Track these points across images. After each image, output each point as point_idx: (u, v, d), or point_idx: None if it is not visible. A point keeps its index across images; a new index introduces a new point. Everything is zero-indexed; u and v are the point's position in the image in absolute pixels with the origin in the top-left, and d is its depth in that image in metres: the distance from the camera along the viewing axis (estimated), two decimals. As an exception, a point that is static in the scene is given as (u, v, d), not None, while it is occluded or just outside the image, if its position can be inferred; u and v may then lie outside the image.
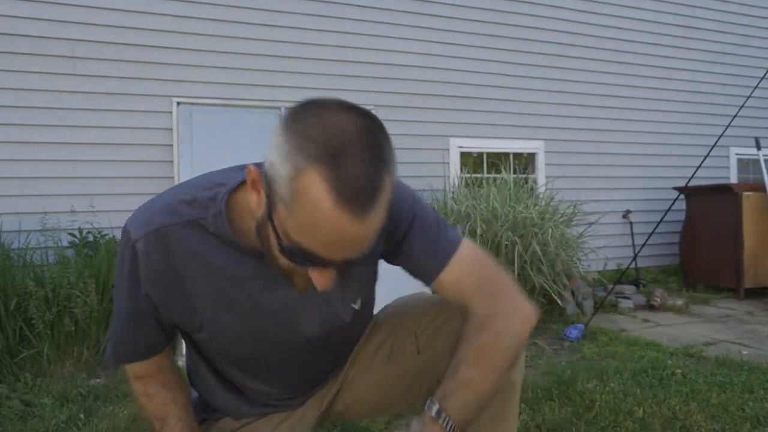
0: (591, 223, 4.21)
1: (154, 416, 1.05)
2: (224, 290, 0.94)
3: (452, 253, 0.98)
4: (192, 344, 1.10)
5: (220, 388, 1.13)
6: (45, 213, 3.36)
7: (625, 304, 4.23)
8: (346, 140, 0.71)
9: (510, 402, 1.08)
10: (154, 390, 1.06)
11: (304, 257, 0.76)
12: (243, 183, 0.90)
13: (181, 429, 1.04)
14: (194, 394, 1.21)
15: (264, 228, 0.81)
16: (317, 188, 0.70)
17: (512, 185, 4.00)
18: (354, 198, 0.70)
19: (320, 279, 0.80)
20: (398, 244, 0.99)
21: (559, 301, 3.72)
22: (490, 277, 0.99)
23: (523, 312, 0.98)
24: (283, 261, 0.81)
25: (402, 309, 1.22)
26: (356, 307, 1.03)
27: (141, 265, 0.91)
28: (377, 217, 0.74)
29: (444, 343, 1.10)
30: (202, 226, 0.91)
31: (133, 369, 1.06)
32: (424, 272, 0.99)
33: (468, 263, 0.98)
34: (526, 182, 4.33)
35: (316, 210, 0.70)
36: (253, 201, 0.82)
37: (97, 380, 2.61)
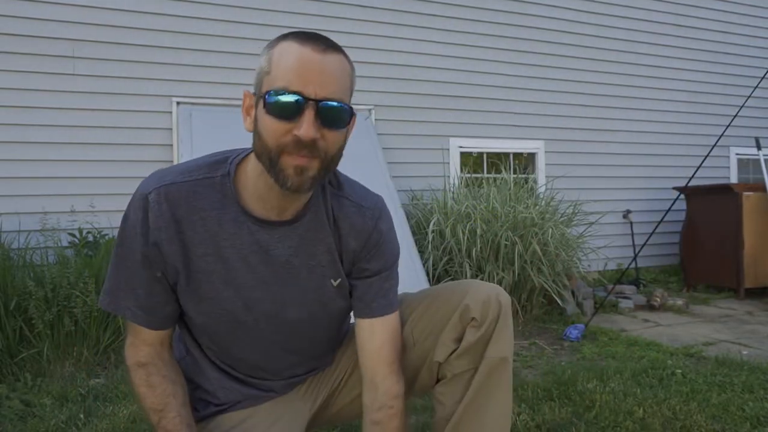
0: (591, 223, 4.21)
1: (152, 408, 1.06)
2: (219, 243, 1.03)
3: (395, 309, 1.15)
4: (184, 325, 1.14)
5: (209, 368, 1.16)
6: (45, 213, 3.36)
7: (625, 304, 4.23)
8: (305, 31, 0.95)
9: (503, 378, 1.12)
10: (156, 381, 1.07)
11: (285, 101, 0.89)
12: (251, 152, 1.03)
13: (179, 423, 1.04)
14: None
15: (257, 129, 0.95)
16: (287, 44, 0.92)
17: (512, 185, 4.01)
18: (313, 39, 0.92)
19: (303, 128, 0.90)
20: (370, 270, 1.13)
21: (559, 301, 3.72)
22: (400, 352, 1.15)
23: (403, 391, 1.14)
24: (269, 124, 0.92)
25: None
26: (335, 284, 1.12)
27: (151, 213, 0.99)
28: (336, 61, 0.93)
29: (433, 329, 1.16)
30: (210, 185, 1.02)
31: (137, 355, 1.08)
32: (371, 303, 1.12)
33: (396, 328, 1.15)
34: (526, 182, 4.33)
35: (287, 53, 0.91)
36: (247, 123, 1.00)
37: (97, 380, 2.61)
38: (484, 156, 4.95)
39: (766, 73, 4.07)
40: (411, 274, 3.41)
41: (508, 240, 3.52)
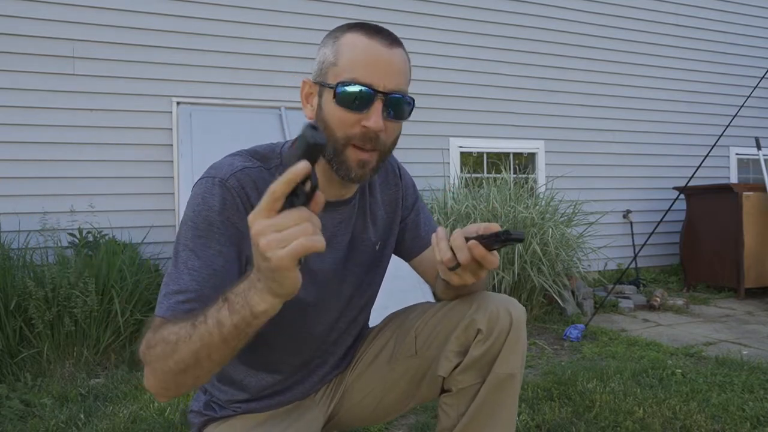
0: (591, 223, 4.21)
1: (183, 327, 0.82)
2: None
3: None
4: None
5: (230, 376, 1.14)
6: (45, 213, 3.36)
7: (625, 304, 4.23)
8: (367, 23, 0.98)
9: (508, 394, 1.10)
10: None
11: (354, 91, 0.92)
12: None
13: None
14: (202, 397, 1.20)
15: (321, 117, 0.97)
16: (353, 36, 0.95)
17: (512, 185, 4.01)
18: (379, 33, 0.95)
19: (372, 119, 0.94)
20: (411, 209, 1.25)
21: (559, 301, 3.72)
22: None
23: None
24: (338, 115, 0.94)
25: (408, 310, 1.26)
26: (377, 249, 1.18)
27: (235, 198, 0.95)
28: (401, 56, 0.97)
29: (435, 339, 1.14)
30: (269, 173, 1.01)
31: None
32: (421, 233, 1.24)
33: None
34: (526, 182, 4.33)
35: (355, 46, 0.94)
36: (307, 111, 1.01)
37: (97, 380, 2.61)
38: (484, 156, 4.94)
39: (766, 73, 4.07)
40: (412, 274, 3.40)
41: (508, 240, 3.51)
